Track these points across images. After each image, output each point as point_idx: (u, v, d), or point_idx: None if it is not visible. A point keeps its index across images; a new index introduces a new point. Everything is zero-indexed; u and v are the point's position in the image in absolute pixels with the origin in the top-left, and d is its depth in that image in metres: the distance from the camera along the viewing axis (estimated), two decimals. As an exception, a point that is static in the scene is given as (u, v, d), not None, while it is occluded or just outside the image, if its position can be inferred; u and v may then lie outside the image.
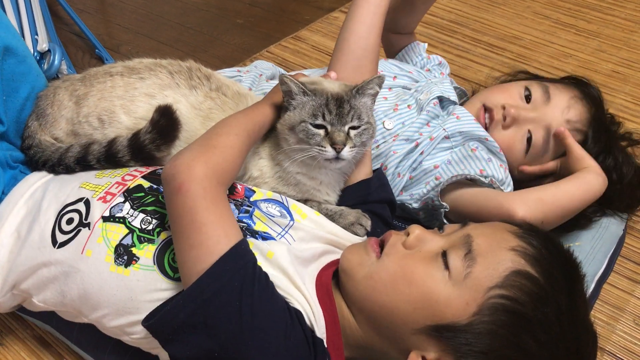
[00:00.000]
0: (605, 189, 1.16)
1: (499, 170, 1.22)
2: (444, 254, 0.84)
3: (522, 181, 1.28)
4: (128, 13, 2.22)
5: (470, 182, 1.19)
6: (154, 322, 0.83)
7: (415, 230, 0.89)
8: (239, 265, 0.81)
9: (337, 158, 0.99)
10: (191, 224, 0.82)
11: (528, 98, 1.28)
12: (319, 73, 1.43)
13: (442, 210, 1.17)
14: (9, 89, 1.08)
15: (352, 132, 1.00)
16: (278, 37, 2.06)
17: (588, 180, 1.15)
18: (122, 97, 1.05)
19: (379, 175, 1.15)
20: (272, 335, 0.80)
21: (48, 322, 1.08)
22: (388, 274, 0.86)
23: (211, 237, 0.82)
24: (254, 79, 1.45)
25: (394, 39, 1.53)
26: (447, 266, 0.82)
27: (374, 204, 1.11)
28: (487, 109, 1.31)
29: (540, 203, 1.09)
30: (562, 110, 1.24)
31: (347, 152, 0.99)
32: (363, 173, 1.14)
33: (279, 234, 0.95)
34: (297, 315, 0.84)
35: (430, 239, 0.88)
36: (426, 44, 1.52)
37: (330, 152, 0.98)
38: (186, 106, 1.05)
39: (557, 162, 1.25)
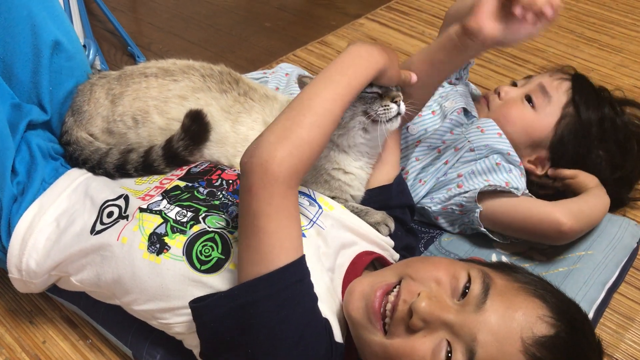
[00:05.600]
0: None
1: (520, 181, 1.26)
2: (449, 351, 0.79)
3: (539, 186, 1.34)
4: (160, 12, 2.28)
5: (506, 192, 1.22)
6: (200, 305, 0.86)
7: (421, 303, 0.80)
8: (292, 280, 0.84)
9: (398, 114, 1.04)
10: (251, 226, 0.85)
11: (515, 85, 1.38)
12: None
13: (477, 210, 1.20)
14: (55, 81, 1.15)
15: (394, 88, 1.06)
16: (304, 41, 2.10)
17: (604, 196, 1.26)
18: (156, 98, 1.10)
19: (399, 181, 1.19)
20: (306, 355, 0.84)
21: (75, 303, 1.14)
22: (392, 352, 0.83)
23: (266, 245, 0.83)
24: (280, 80, 1.50)
25: None
26: None
27: (394, 208, 1.14)
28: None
29: (581, 215, 1.19)
30: (544, 75, 1.36)
31: (403, 105, 1.04)
32: (386, 173, 1.17)
33: (311, 220, 0.99)
34: (326, 327, 0.88)
35: (437, 317, 0.80)
36: (474, 61, 1.54)
37: (394, 107, 1.02)
38: (217, 109, 1.10)
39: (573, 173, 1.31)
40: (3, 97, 1.09)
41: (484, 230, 1.23)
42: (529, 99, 1.32)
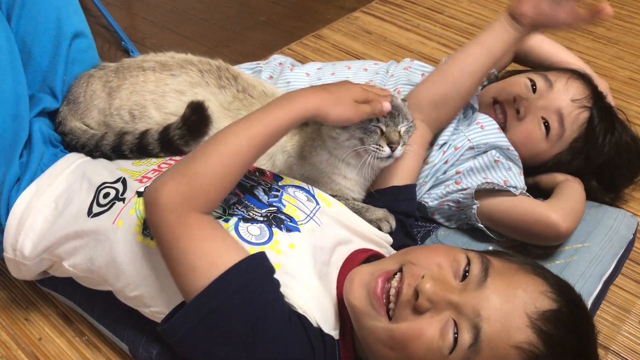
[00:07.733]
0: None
1: (519, 179, 1.26)
2: (456, 332, 0.79)
3: (536, 169, 1.34)
4: (153, 7, 2.27)
5: (504, 191, 1.22)
6: (165, 327, 0.85)
7: (426, 284, 0.81)
8: (238, 286, 0.82)
9: (390, 156, 1.04)
10: (169, 252, 0.85)
11: (533, 88, 1.32)
12: (329, 66, 1.47)
13: (474, 207, 1.20)
14: (69, 71, 1.20)
15: (402, 131, 1.05)
16: (299, 35, 2.10)
17: (579, 186, 1.28)
18: (154, 92, 1.10)
19: (411, 189, 1.18)
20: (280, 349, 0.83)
21: (71, 298, 1.14)
22: (399, 337, 0.82)
23: (188, 263, 0.83)
24: (274, 69, 1.49)
25: None
26: (455, 343, 0.79)
27: (397, 213, 1.14)
28: (498, 102, 1.35)
29: (574, 214, 1.20)
30: (564, 92, 1.29)
31: (399, 150, 1.05)
32: (398, 179, 1.16)
33: (308, 215, 0.99)
34: (302, 322, 0.86)
35: (442, 297, 0.81)
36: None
37: (386, 150, 1.03)
38: (215, 105, 1.09)
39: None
40: (23, 83, 1.11)
41: (481, 226, 1.23)
42: (545, 124, 1.29)
